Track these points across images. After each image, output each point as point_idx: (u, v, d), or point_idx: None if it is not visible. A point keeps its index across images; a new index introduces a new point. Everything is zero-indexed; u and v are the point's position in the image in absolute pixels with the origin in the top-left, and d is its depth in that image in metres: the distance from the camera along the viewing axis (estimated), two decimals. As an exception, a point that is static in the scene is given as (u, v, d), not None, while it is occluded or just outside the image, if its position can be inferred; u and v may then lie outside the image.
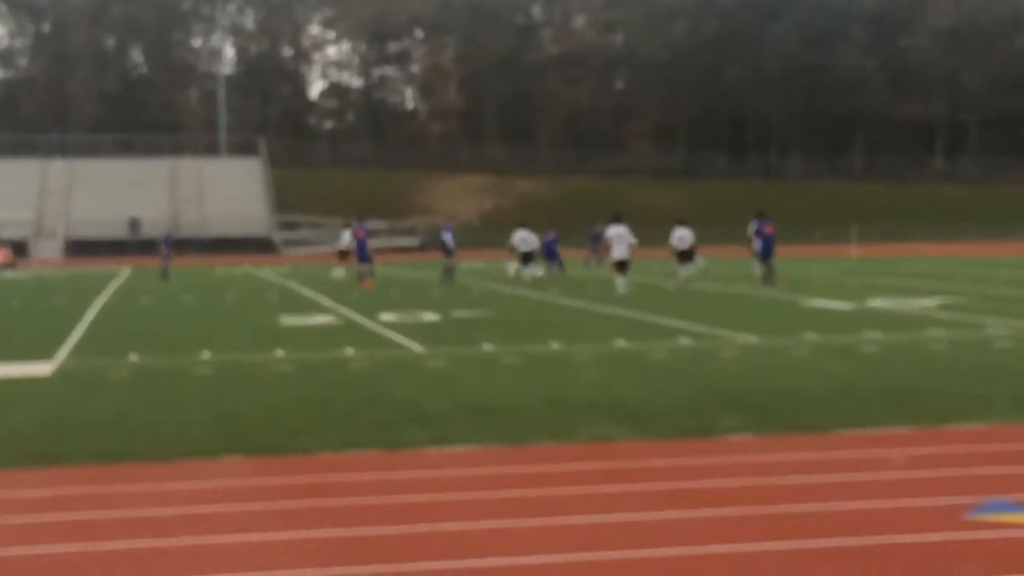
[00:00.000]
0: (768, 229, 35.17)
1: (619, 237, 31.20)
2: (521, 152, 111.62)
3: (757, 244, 35.50)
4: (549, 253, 41.50)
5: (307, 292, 34.16)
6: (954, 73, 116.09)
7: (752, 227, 36.21)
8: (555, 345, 18.30)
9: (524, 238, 37.54)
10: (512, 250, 38.25)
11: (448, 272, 39.30)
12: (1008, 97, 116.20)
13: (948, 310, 24.12)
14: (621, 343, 18.49)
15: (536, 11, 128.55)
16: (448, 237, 40.19)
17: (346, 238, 42.39)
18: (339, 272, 41.59)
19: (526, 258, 37.43)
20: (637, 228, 32.85)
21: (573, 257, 45.02)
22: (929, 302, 26.33)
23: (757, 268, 35.81)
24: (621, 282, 30.59)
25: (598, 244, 47.55)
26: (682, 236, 37.21)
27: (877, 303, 26.46)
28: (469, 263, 48.41)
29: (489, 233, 39.49)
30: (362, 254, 37.83)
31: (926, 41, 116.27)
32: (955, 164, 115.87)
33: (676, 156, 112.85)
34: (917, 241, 77.31)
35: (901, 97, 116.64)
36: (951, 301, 26.53)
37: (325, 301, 30.00)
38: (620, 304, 27.13)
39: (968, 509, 7.81)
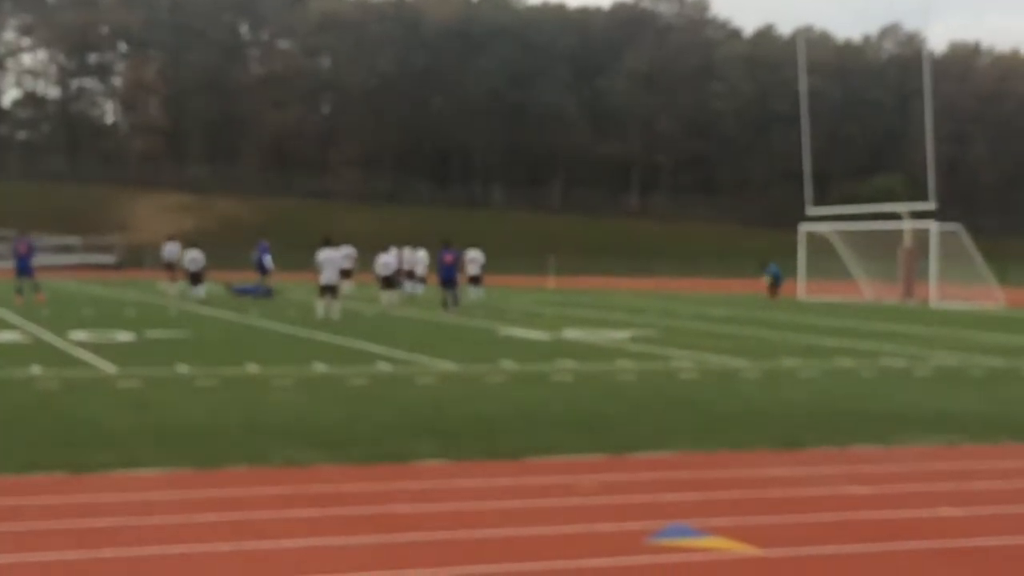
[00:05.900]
0: (448, 257, 36.08)
1: (329, 261, 31.17)
2: (225, 172, 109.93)
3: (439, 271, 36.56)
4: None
5: (-8, 308, 32.67)
6: (649, 115, 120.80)
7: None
8: (252, 368, 18.08)
9: (193, 258, 39.97)
10: (183, 269, 40.51)
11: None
12: (698, 140, 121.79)
13: (638, 342, 25.00)
14: (320, 367, 18.42)
15: (243, 30, 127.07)
16: (267, 258, 41.16)
17: (172, 251, 42.11)
18: (171, 288, 41.43)
19: (195, 278, 39.53)
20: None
21: (300, 279, 44.52)
22: (621, 334, 27.22)
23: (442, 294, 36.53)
24: (324, 306, 30.56)
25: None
26: (386, 263, 37.40)
27: (571, 334, 27.18)
28: (166, 283, 47.24)
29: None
30: (23, 268, 35.77)
31: (624, 83, 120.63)
32: (649, 202, 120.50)
33: (382, 182, 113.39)
34: (611, 274, 79.78)
35: (599, 136, 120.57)
36: (641, 333, 27.51)
37: (13, 318, 28.77)
38: (320, 328, 27.03)
39: (650, 534, 8.11)
